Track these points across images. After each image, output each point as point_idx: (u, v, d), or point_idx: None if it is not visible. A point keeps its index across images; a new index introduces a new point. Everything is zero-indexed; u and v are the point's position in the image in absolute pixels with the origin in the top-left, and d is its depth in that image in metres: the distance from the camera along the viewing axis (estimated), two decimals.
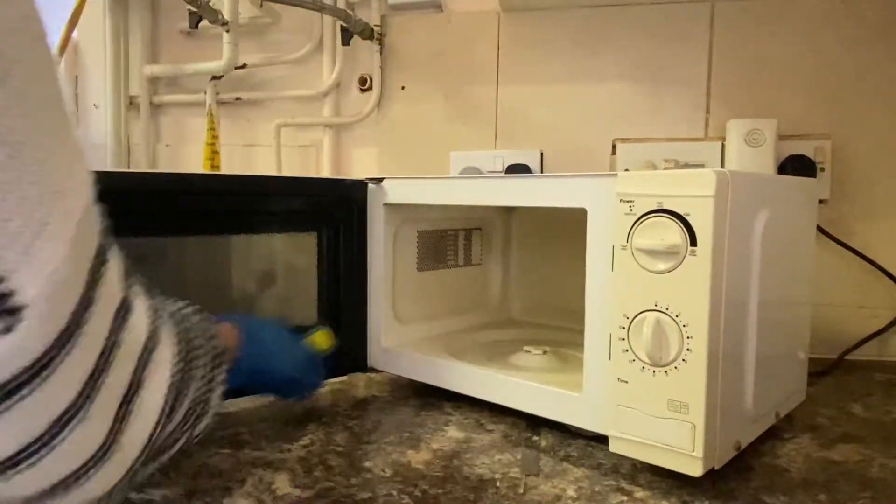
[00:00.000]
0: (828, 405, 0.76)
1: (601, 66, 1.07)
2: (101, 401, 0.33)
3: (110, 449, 0.34)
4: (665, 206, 0.53)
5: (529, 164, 1.07)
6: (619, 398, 0.56)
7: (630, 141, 1.05)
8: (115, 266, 0.35)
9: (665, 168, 1.01)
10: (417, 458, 0.61)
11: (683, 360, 0.52)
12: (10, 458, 0.30)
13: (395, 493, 0.54)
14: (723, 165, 0.99)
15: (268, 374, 0.62)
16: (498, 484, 0.56)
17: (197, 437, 0.46)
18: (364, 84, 1.20)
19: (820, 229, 0.95)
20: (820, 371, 0.89)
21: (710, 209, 0.51)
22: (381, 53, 1.17)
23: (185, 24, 1.25)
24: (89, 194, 0.32)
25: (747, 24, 1.01)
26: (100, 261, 0.33)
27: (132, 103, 1.32)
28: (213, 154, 1.22)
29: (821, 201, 0.97)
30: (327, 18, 1.19)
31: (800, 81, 0.99)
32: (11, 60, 0.27)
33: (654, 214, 0.54)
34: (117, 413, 0.34)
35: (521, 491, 0.54)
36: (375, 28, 1.16)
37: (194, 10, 1.12)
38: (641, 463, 0.57)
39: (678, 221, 0.52)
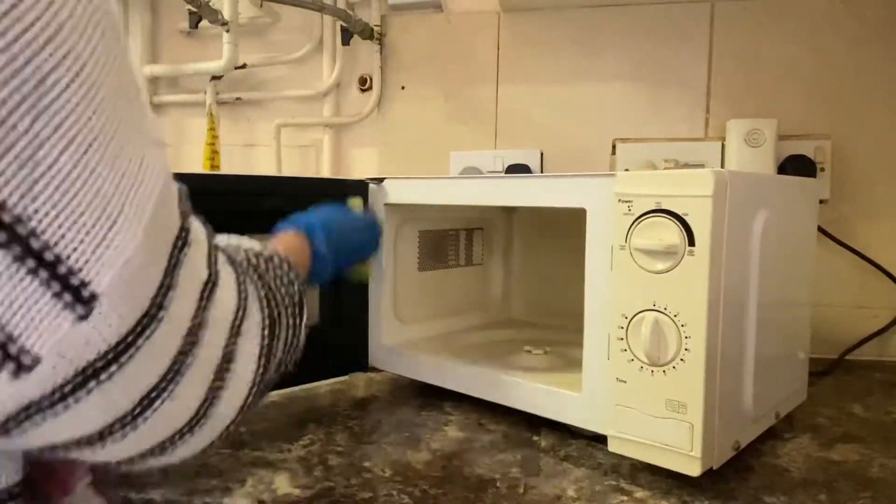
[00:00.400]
0: (828, 405, 0.76)
1: (601, 66, 1.07)
2: (190, 379, 0.33)
3: (200, 421, 0.34)
4: (663, 206, 0.53)
5: (529, 164, 1.07)
6: (617, 398, 0.56)
7: (630, 141, 1.05)
8: (199, 247, 0.34)
9: (665, 168, 1.01)
10: (417, 458, 0.61)
11: (682, 359, 0.52)
12: (95, 434, 0.31)
13: (395, 493, 0.54)
14: (723, 165, 0.99)
15: (349, 260, 0.68)
16: (498, 484, 0.56)
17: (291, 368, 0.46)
18: (364, 84, 1.20)
19: (820, 229, 0.95)
20: (820, 371, 0.89)
21: (709, 209, 0.51)
22: (381, 53, 1.17)
23: (185, 24, 1.25)
24: (165, 179, 0.31)
25: (747, 24, 1.01)
26: (180, 244, 0.32)
27: None
28: (213, 154, 1.22)
29: (821, 201, 0.96)
30: (327, 18, 1.19)
31: (800, 81, 0.99)
32: (84, 58, 0.27)
33: (652, 214, 0.54)
34: (209, 388, 0.34)
35: (521, 491, 0.54)
36: (375, 28, 1.16)
37: (194, 10, 1.12)
38: (641, 463, 0.57)
39: (676, 221, 0.52)
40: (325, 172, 1.22)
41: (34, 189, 0.25)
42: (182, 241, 0.32)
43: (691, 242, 0.51)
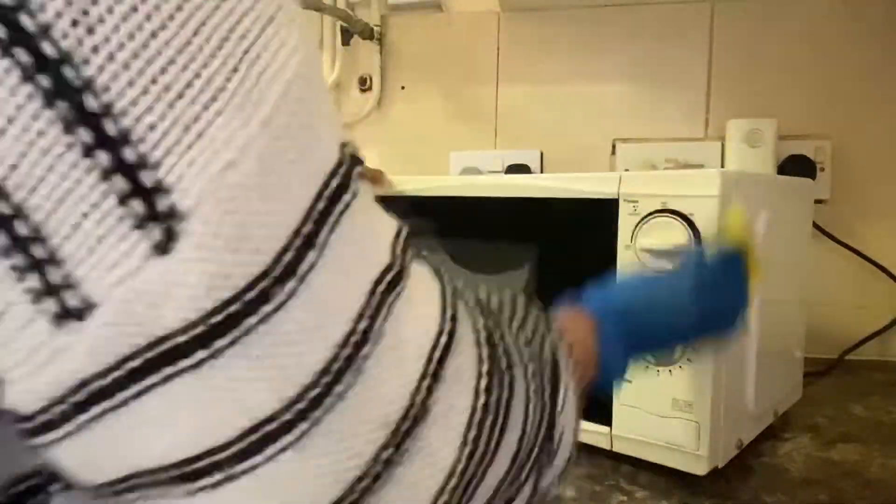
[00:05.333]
0: (828, 405, 0.76)
1: (601, 66, 1.07)
2: (334, 422, 0.20)
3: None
4: (669, 206, 0.53)
5: (529, 164, 1.07)
6: (622, 397, 0.56)
7: (630, 141, 1.05)
8: (375, 214, 0.23)
9: (665, 168, 1.00)
10: None
11: (688, 359, 0.53)
12: (179, 461, 0.19)
13: None
14: (723, 165, 0.99)
15: (653, 348, 0.48)
16: None
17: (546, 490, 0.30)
18: (364, 84, 1.20)
19: (820, 229, 0.95)
20: (820, 371, 0.88)
21: (715, 209, 0.51)
22: (381, 53, 1.17)
23: None
24: (306, 62, 0.20)
25: (747, 24, 1.01)
26: (336, 187, 0.21)
27: None
28: None
29: (821, 201, 0.97)
30: (327, 18, 1.19)
31: (800, 81, 0.99)
32: None
33: (658, 214, 0.53)
34: (377, 452, 0.21)
35: None
36: (375, 28, 1.16)
37: None
38: (641, 463, 0.57)
39: (682, 221, 0.52)
40: None
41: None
42: (340, 185, 0.21)
43: (698, 242, 0.51)
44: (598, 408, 0.59)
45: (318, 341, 0.20)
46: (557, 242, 0.62)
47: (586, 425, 0.59)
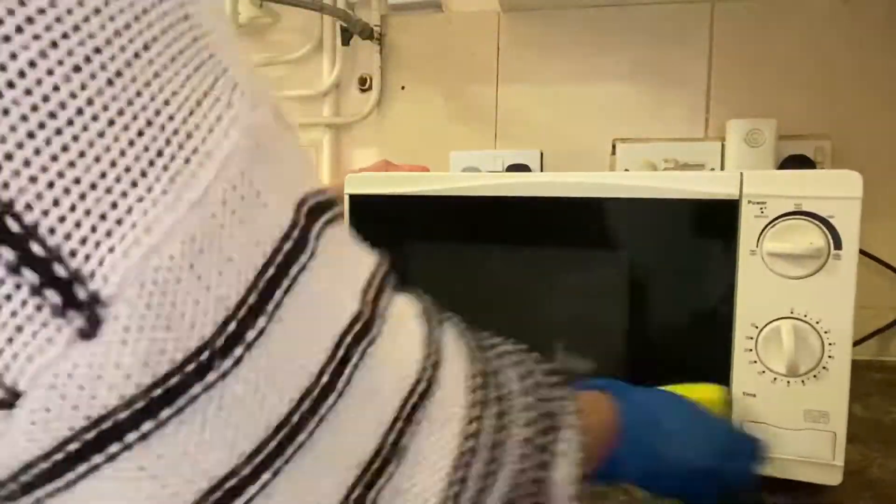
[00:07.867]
0: None
1: (601, 66, 1.07)
2: (301, 472, 0.20)
3: None
4: (804, 209, 0.51)
5: (529, 165, 1.07)
6: (743, 414, 0.53)
7: (630, 141, 1.05)
8: (336, 261, 0.23)
9: (665, 168, 1.00)
10: None
11: (824, 367, 0.51)
12: None
13: None
14: (723, 165, 0.99)
15: (667, 465, 0.39)
16: None
17: None
18: (364, 84, 1.20)
19: None
20: None
21: (858, 212, 0.50)
22: (381, 53, 1.17)
23: None
24: (263, 129, 0.21)
25: (747, 24, 1.01)
26: (291, 248, 0.20)
27: None
28: None
29: None
30: (327, 18, 1.19)
31: (800, 81, 0.99)
32: None
33: (790, 217, 0.51)
34: (343, 499, 0.21)
35: None
36: (375, 28, 1.16)
37: None
38: None
39: (820, 224, 0.50)
40: (325, 173, 1.22)
41: None
42: (295, 247, 0.21)
43: (837, 246, 0.50)
44: None
45: (274, 398, 0.20)
46: (654, 248, 0.56)
47: None
